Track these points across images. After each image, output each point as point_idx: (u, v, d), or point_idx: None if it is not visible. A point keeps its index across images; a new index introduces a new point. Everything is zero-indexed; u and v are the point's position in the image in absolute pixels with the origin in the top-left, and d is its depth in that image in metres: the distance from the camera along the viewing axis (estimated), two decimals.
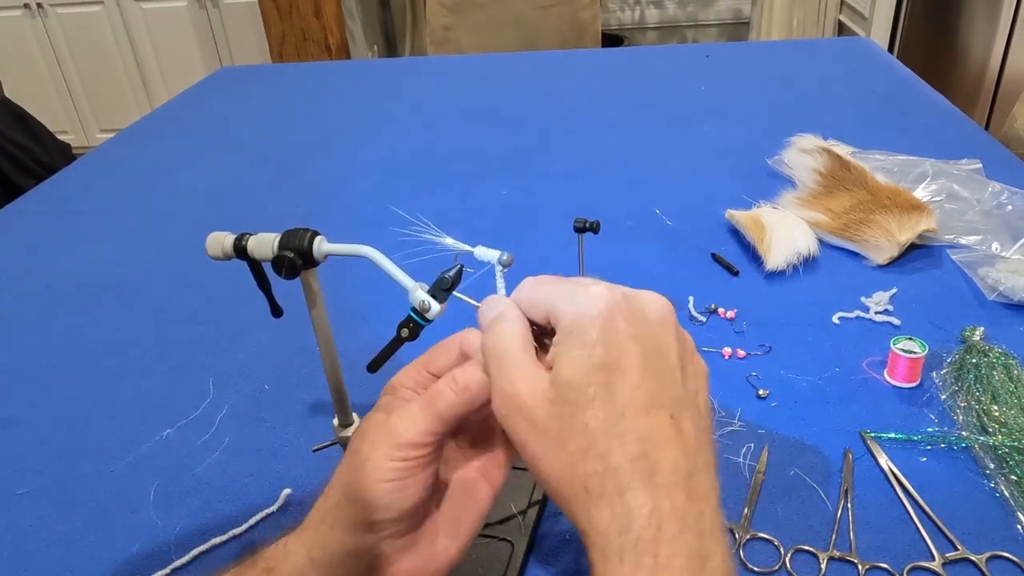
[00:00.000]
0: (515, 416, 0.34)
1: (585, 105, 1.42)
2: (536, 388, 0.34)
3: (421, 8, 3.04)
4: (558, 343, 0.35)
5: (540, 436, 0.34)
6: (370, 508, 0.36)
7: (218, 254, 0.50)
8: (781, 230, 0.87)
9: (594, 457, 0.32)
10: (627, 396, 0.33)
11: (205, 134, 1.42)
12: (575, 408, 0.33)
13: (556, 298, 0.36)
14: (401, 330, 0.43)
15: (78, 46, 3.42)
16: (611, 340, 0.34)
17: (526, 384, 0.34)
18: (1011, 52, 2.27)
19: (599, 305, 0.34)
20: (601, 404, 0.33)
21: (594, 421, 0.32)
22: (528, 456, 0.34)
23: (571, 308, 0.35)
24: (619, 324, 0.34)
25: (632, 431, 0.32)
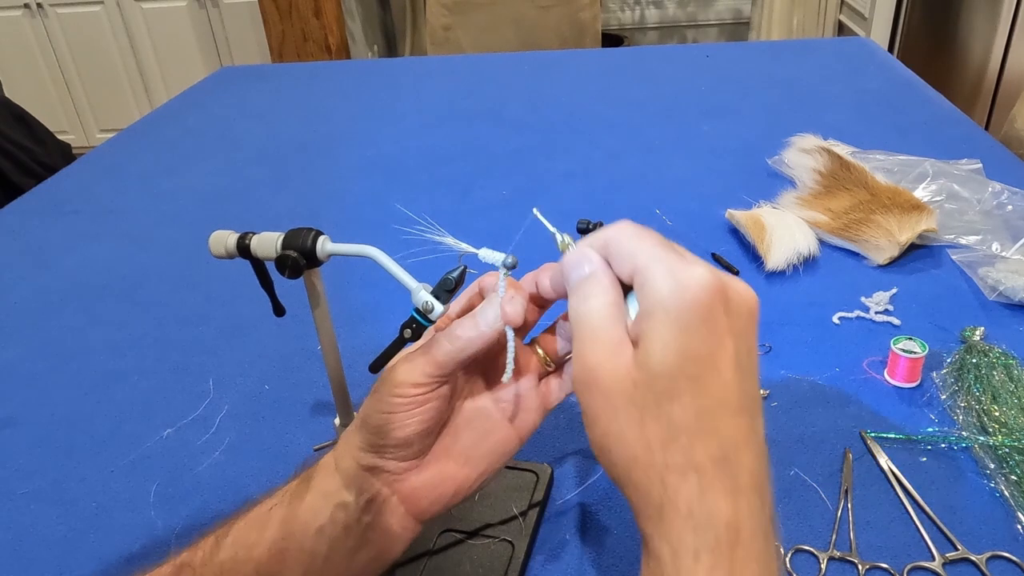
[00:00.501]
0: (592, 390, 0.33)
1: (585, 105, 1.42)
2: (620, 365, 0.33)
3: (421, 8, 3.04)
4: (650, 318, 0.32)
5: (618, 416, 0.32)
6: (374, 433, 0.40)
7: (221, 253, 0.50)
8: (781, 230, 0.87)
9: (677, 450, 0.31)
10: (718, 394, 0.32)
11: (205, 134, 1.42)
12: (663, 397, 0.32)
13: (653, 262, 0.33)
14: (404, 331, 0.43)
15: (78, 46, 3.42)
16: (709, 331, 0.32)
17: (611, 361, 0.33)
18: (1011, 52, 2.27)
19: (702, 289, 0.32)
20: (691, 398, 0.32)
21: (681, 414, 0.32)
22: (599, 432, 0.33)
23: (670, 283, 0.32)
24: (718, 314, 0.33)
25: (718, 431, 0.32)
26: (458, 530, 0.55)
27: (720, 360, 0.32)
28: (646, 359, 0.32)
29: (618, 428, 0.33)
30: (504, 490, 0.58)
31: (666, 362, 0.32)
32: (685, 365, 0.32)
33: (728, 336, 0.33)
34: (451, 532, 0.55)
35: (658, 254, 0.34)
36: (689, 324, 0.32)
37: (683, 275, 0.33)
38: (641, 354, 0.32)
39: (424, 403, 0.40)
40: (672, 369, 0.32)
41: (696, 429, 0.32)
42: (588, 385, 0.34)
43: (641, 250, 0.34)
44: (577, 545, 0.55)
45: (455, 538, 0.54)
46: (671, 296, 0.32)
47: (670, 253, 0.34)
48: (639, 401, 0.32)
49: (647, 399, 0.32)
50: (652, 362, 0.32)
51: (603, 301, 0.35)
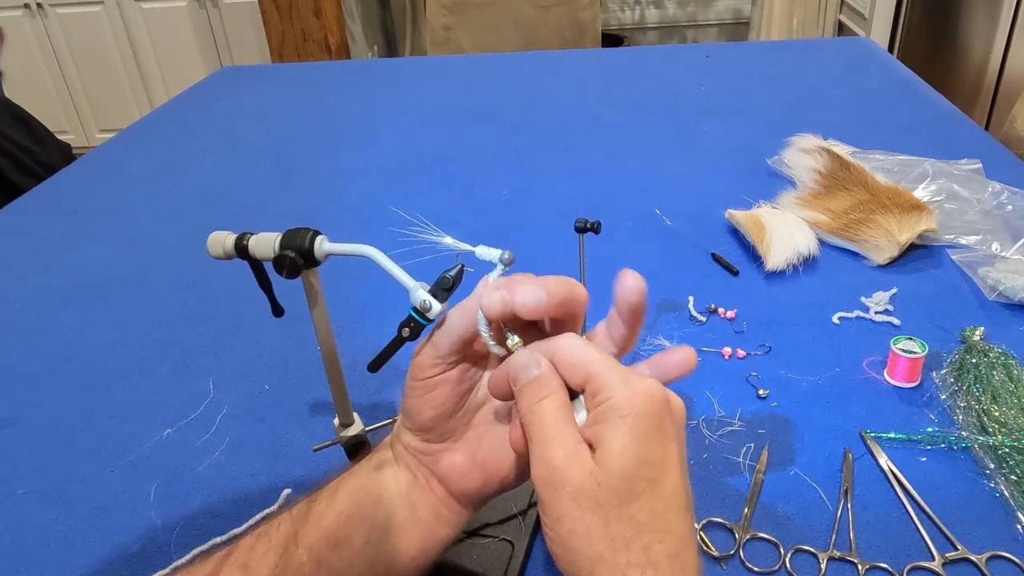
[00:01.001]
0: (557, 491, 0.35)
1: (585, 105, 1.42)
2: (584, 468, 0.35)
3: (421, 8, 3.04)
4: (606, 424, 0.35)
5: (583, 516, 0.35)
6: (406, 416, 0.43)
7: (219, 253, 0.50)
8: (781, 230, 0.87)
9: (637, 549, 0.34)
10: (669, 496, 0.35)
11: (205, 134, 1.42)
12: (624, 498, 0.34)
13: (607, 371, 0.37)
14: (402, 330, 0.43)
15: (78, 46, 3.42)
16: (660, 437, 0.36)
17: (573, 462, 0.35)
18: (1011, 52, 2.27)
19: (653, 399, 0.36)
20: (647, 500, 0.35)
21: (640, 514, 0.34)
22: (563, 530, 0.35)
23: (626, 392, 0.36)
24: (667, 423, 0.36)
25: (671, 530, 0.35)
26: None
27: (669, 464, 0.36)
28: (608, 461, 0.35)
29: (584, 527, 0.35)
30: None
31: (626, 465, 0.35)
32: (642, 469, 0.35)
33: (673, 441, 0.36)
34: None
35: (610, 364, 0.37)
36: (644, 431, 0.35)
37: (637, 386, 0.36)
38: (602, 456, 0.35)
39: (433, 388, 0.41)
40: (632, 472, 0.35)
41: (654, 529, 0.35)
42: (553, 485, 0.35)
43: (593, 360, 0.37)
44: None
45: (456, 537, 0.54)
46: (627, 404, 0.35)
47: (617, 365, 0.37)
48: (603, 501, 0.34)
49: (611, 500, 0.34)
50: (614, 465, 0.35)
51: (557, 402, 0.37)
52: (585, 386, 0.37)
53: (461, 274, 0.42)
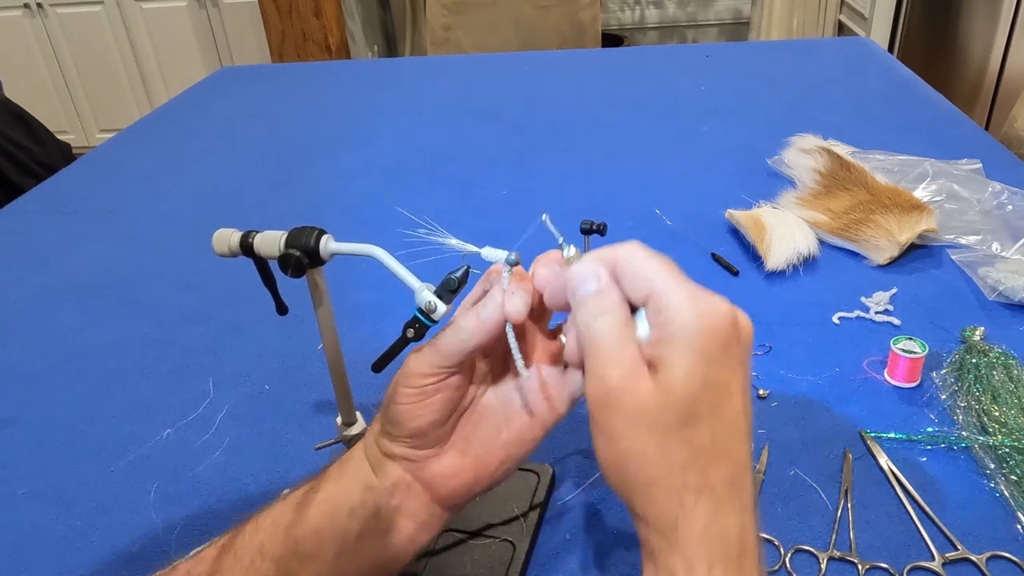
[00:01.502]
0: (613, 411, 0.34)
1: (585, 105, 1.42)
2: (642, 387, 0.34)
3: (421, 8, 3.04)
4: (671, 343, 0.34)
5: (639, 437, 0.33)
6: (391, 423, 0.42)
7: (224, 251, 0.50)
8: (781, 230, 0.87)
9: (695, 472, 0.33)
10: (732, 421, 0.34)
11: (205, 134, 1.42)
12: (684, 421, 0.33)
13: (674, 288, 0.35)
14: (407, 330, 0.43)
15: (78, 46, 3.42)
16: (728, 361, 0.34)
17: (630, 382, 0.34)
18: (1011, 52, 2.27)
19: (724, 320, 0.34)
20: (709, 423, 0.33)
21: (700, 438, 0.33)
22: (617, 450, 0.34)
23: (692, 311, 0.34)
24: (734, 346, 0.35)
25: (730, 454, 0.34)
26: (459, 530, 0.55)
27: (734, 388, 0.34)
28: (670, 384, 0.33)
29: (639, 448, 0.33)
30: (505, 490, 0.58)
31: (690, 388, 0.33)
32: (707, 392, 0.33)
33: (740, 365, 0.35)
34: (452, 532, 0.55)
35: (677, 280, 0.35)
36: (712, 353, 0.33)
37: (704, 305, 0.34)
38: (664, 378, 0.33)
39: (433, 394, 0.40)
40: (695, 395, 0.33)
41: (712, 452, 0.33)
42: (608, 406, 0.34)
43: (658, 275, 0.35)
44: (578, 545, 0.55)
45: (456, 538, 0.55)
46: (694, 324, 0.33)
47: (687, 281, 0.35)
48: (662, 424, 0.33)
49: (670, 422, 0.33)
50: (676, 387, 0.33)
51: (616, 319, 0.35)
52: (649, 301, 0.35)
53: (467, 275, 0.42)
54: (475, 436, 0.43)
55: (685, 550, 0.33)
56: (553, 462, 0.61)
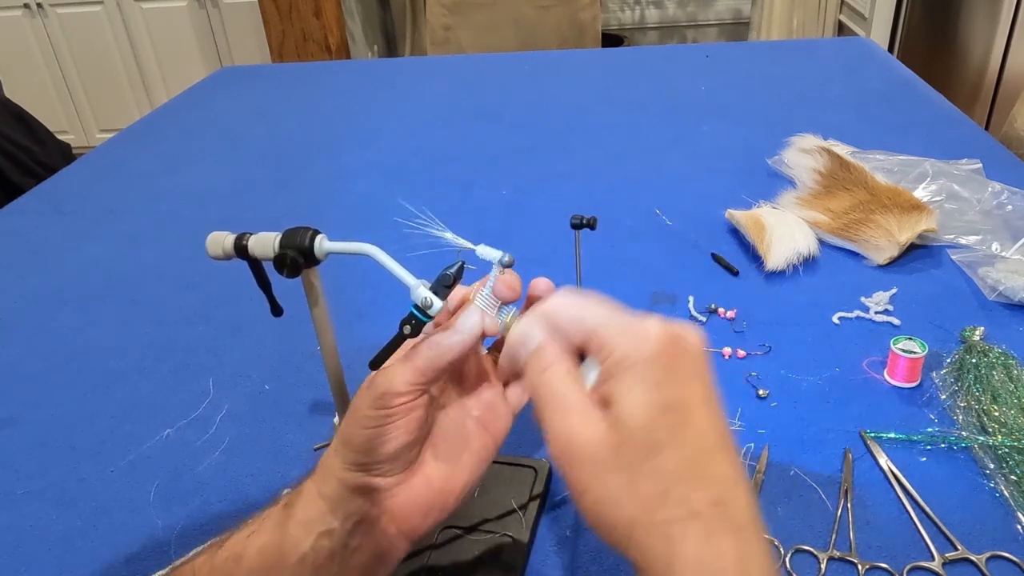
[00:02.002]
0: (575, 462, 0.33)
1: (585, 105, 1.42)
2: (597, 431, 0.33)
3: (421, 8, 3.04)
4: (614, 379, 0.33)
5: (608, 481, 0.32)
6: (359, 451, 0.39)
7: (218, 254, 0.50)
8: (781, 230, 0.87)
9: (674, 503, 0.32)
10: (699, 438, 0.33)
11: (205, 134, 1.42)
12: (647, 452, 0.32)
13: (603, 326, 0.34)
14: (403, 327, 0.43)
15: (78, 46, 3.42)
16: (675, 379, 0.33)
17: (586, 428, 0.33)
18: (1011, 52, 2.27)
19: (657, 342, 0.33)
20: (673, 447, 0.32)
21: (669, 464, 0.32)
22: (591, 500, 0.33)
23: (626, 342, 0.33)
24: (679, 362, 0.34)
25: (707, 474, 0.32)
26: (459, 526, 0.55)
27: (693, 404, 0.33)
28: (622, 418, 0.33)
29: (610, 494, 0.33)
30: (504, 485, 0.58)
31: (642, 418, 0.32)
32: (660, 416, 0.32)
33: (692, 380, 0.34)
34: (452, 528, 0.55)
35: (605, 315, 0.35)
36: (656, 377, 0.33)
37: (637, 331, 0.34)
38: (615, 415, 0.33)
39: (408, 412, 0.39)
40: (649, 424, 0.32)
41: (687, 477, 0.32)
42: (569, 457, 0.34)
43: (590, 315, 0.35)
44: (577, 540, 0.55)
45: (456, 533, 0.55)
46: (631, 353, 0.33)
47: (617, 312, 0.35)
48: (625, 462, 0.32)
49: (633, 458, 0.32)
50: (629, 421, 0.32)
51: (557, 370, 0.36)
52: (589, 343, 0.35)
53: (461, 271, 0.42)
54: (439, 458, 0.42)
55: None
56: (550, 457, 0.61)
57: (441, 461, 0.42)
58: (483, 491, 0.58)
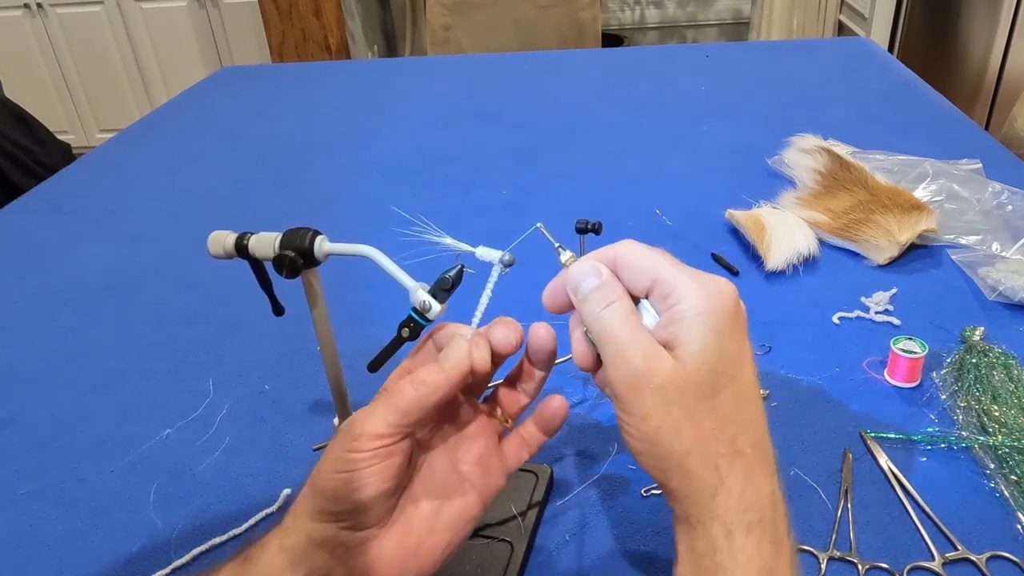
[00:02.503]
0: (643, 390, 0.35)
1: (585, 105, 1.42)
2: (665, 365, 0.35)
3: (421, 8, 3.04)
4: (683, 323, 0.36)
5: (671, 412, 0.35)
6: (329, 499, 0.37)
7: (219, 253, 0.50)
8: (781, 230, 0.87)
9: (725, 440, 0.35)
10: (748, 388, 0.37)
11: (205, 134, 1.42)
12: (708, 391, 0.35)
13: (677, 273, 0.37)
14: (402, 330, 0.43)
15: (78, 46, 3.42)
16: (737, 333, 0.37)
17: (654, 361, 0.36)
18: (1011, 52, 2.27)
19: (728, 296, 0.37)
20: (730, 392, 0.36)
21: (724, 406, 0.36)
22: (650, 427, 0.35)
23: (700, 292, 0.36)
24: (741, 319, 0.37)
25: (752, 420, 0.37)
26: None
27: (745, 358, 0.37)
28: (690, 359, 0.35)
29: (672, 422, 0.35)
30: (504, 490, 0.58)
31: (709, 361, 0.35)
32: (723, 364, 0.36)
33: (745, 338, 0.37)
34: None
35: (677, 267, 0.38)
36: (722, 328, 0.36)
37: (709, 284, 0.37)
38: (683, 355, 0.36)
39: (386, 457, 0.36)
40: (714, 367, 0.35)
41: (737, 420, 0.36)
42: (638, 386, 0.36)
43: (659, 263, 0.38)
44: (576, 546, 0.55)
45: None
46: (703, 303, 0.36)
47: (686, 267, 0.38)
48: (690, 396, 0.35)
49: (697, 395, 0.35)
50: (696, 362, 0.35)
51: (624, 307, 0.38)
52: (653, 289, 0.38)
53: (461, 274, 0.42)
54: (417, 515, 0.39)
55: (725, 517, 0.35)
56: (551, 462, 0.61)
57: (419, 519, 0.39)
58: None
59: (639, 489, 0.59)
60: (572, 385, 0.70)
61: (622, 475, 0.60)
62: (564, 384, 0.70)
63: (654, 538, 0.55)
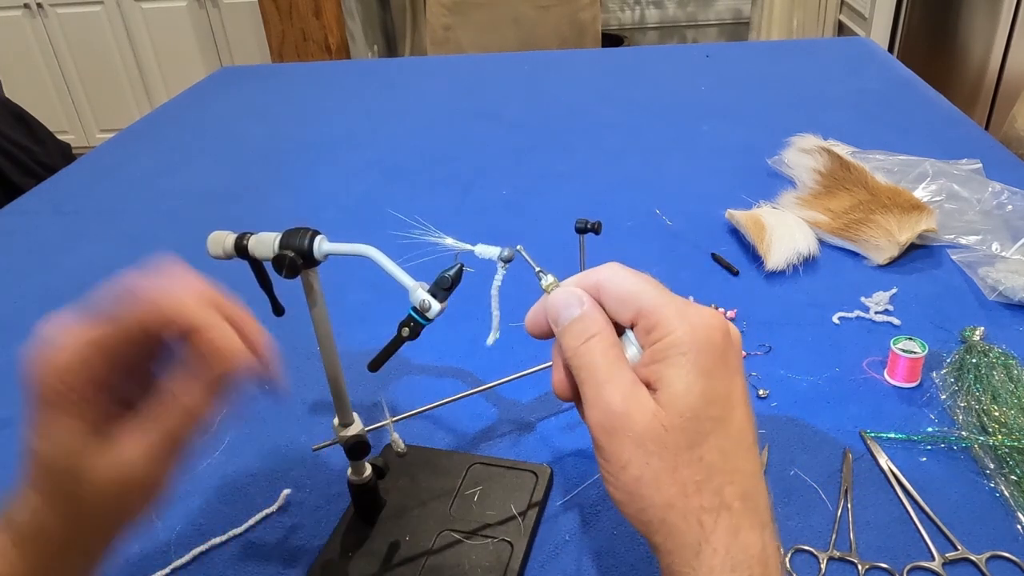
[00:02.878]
0: (621, 435, 0.33)
1: (585, 105, 1.42)
2: (645, 410, 0.33)
3: (421, 8, 3.04)
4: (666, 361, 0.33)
5: (651, 461, 0.33)
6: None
7: (219, 253, 0.50)
8: (781, 230, 0.87)
9: (709, 492, 0.33)
10: (737, 433, 0.34)
11: (205, 134, 1.42)
12: (692, 439, 0.33)
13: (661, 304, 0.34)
14: (402, 329, 0.43)
15: (78, 46, 3.42)
16: (726, 372, 0.34)
17: (633, 405, 0.33)
18: (1011, 52, 2.27)
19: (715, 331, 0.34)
20: (716, 439, 0.33)
21: (709, 455, 0.33)
22: (630, 477, 0.33)
23: (683, 327, 0.33)
24: (730, 355, 0.34)
25: (740, 469, 0.33)
26: (457, 530, 0.55)
27: (735, 399, 0.34)
28: (672, 402, 0.33)
29: (652, 473, 0.33)
30: (503, 490, 0.58)
31: (693, 405, 0.33)
32: (709, 407, 0.33)
33: (737, 374, 0.34)
34: (450, 532, 0.55)
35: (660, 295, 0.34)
36: (709, 367, 0.33)
37: (696, 318, 0.34)
38: (665, 397, 0.33)
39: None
40: (698, 411, 0.33)
41: (724, 470, 0.33)
42: (615, 430, 0.33)
43: (644, 292, 0.35)
44: (576, 545, 0.55)
45: (454, 538, 0.54)
46: (688, 340, 0.33)
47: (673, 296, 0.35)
48: (671, 445, 0.33)
49: (679, 443, 0.33)
50: (679, 406, 0.33)
51: (605, 342, 0.35)
52: (637, 321, 0.35)
53: (460, 273, 0.42)
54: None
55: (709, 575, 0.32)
56: (551, 462, 0.61)
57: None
58: (483, 496, 0.58)
59: None
60: None
61: None
62: None
63: None
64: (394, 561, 0.53)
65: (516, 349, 0.73)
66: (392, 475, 0.59)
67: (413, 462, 0.61)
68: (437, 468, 0.61)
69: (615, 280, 0.36)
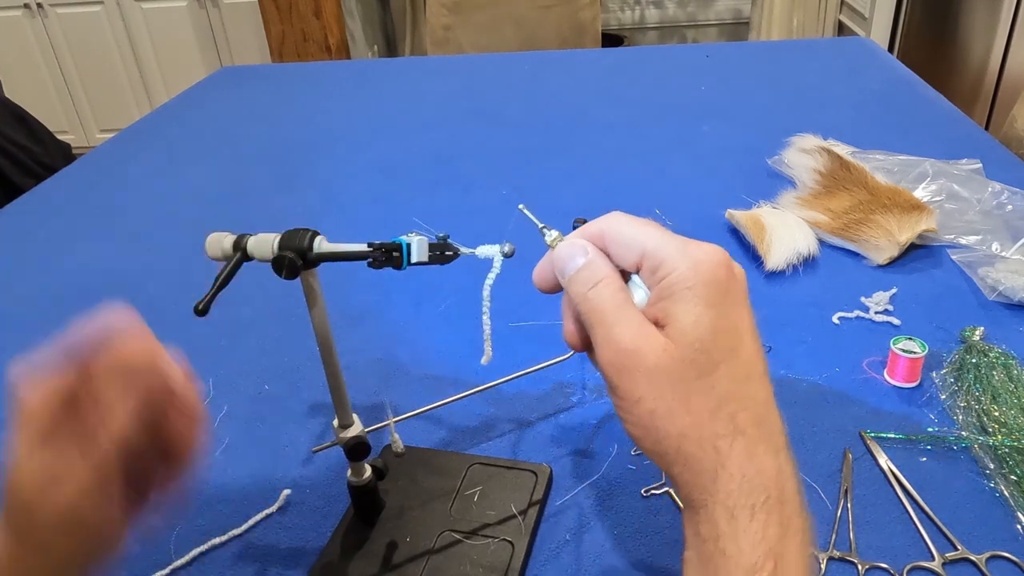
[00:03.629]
0: (633, 372, 0.34)
1: (585, 105, 1.42)
2: (655, 345, 0.34)
3: (421, 8, 3.04)
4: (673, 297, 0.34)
5: (664, 394, 0.34)
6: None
7: (218, 254, 0.50)
8: (781, 230, 0.87)
9: (723, 419, 0.34)
10: (747, 361, 0.35)
11: (205, 134, 1.42)
12: (703, 369, 0.34)
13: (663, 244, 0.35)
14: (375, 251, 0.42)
15: (78, 46, 3.42)
16: (731, 303, 0.35)
17: (643, 341, 0.34)
18: (1011, 52, 2.27)
19: (717, 265, 0.35)
20: (727, 368, 0.34)
21: (721, 384, 0.34)
22: (644, 411, 0.34)
23: (687, 262, 0.34)
24: (735, 287, 0.35)
25: (753, 396, 0.35)
26: (457, 530, 0.55)
27: (743, 329, 0.35)
28: (681, 336, 0.34)
29: (666, 405, 0.34)
30: (503, 490, 0.58)
31: (701, 337, 0.34)
32: (719, 338, 0.34)
33: (743, 305, 0.36)
34: (451, 532, 0.55)
35: (661, 236, 0.36)
36: (714, 299, 0.34)
37: (696, 254, 0.35)
38: (674, 332, 0.34)
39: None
40: (708, 343, 0.34)
41: (736, 397, 0.34)
42: (627, 368, 0.34)
43: (647, 235, 0.36)
44: (577, 544, 0.55)
45: (455, 538, 0.55)
46: (692, 274, 0.34)
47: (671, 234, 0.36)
48: (683, 376, 0.34)
49: (690, 374, 0.34)
50: (688, 338, 0.34)
51: (611, 285, 0.36)
52: (642, 263, 0.36)
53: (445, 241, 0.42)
54: None
55: (727, 500, 0.33)
56: (551, 461, 0.61)
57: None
58: (483, 495, 0.58)
59: (639, 489, 0.59)
60: (571, 385, 0.70)
61: (622, 475, 0.60)
62: (564, 383, 0.70)
63: (653, 538, 0.55)
64: (395, 562, 0.53)
65: (516, 349, 0.73)
66: (392, 476, 0.59)
67: (413, 462, 0.62)
68: (437, 468, 0.61)
69: (617, 227, 0.37)
